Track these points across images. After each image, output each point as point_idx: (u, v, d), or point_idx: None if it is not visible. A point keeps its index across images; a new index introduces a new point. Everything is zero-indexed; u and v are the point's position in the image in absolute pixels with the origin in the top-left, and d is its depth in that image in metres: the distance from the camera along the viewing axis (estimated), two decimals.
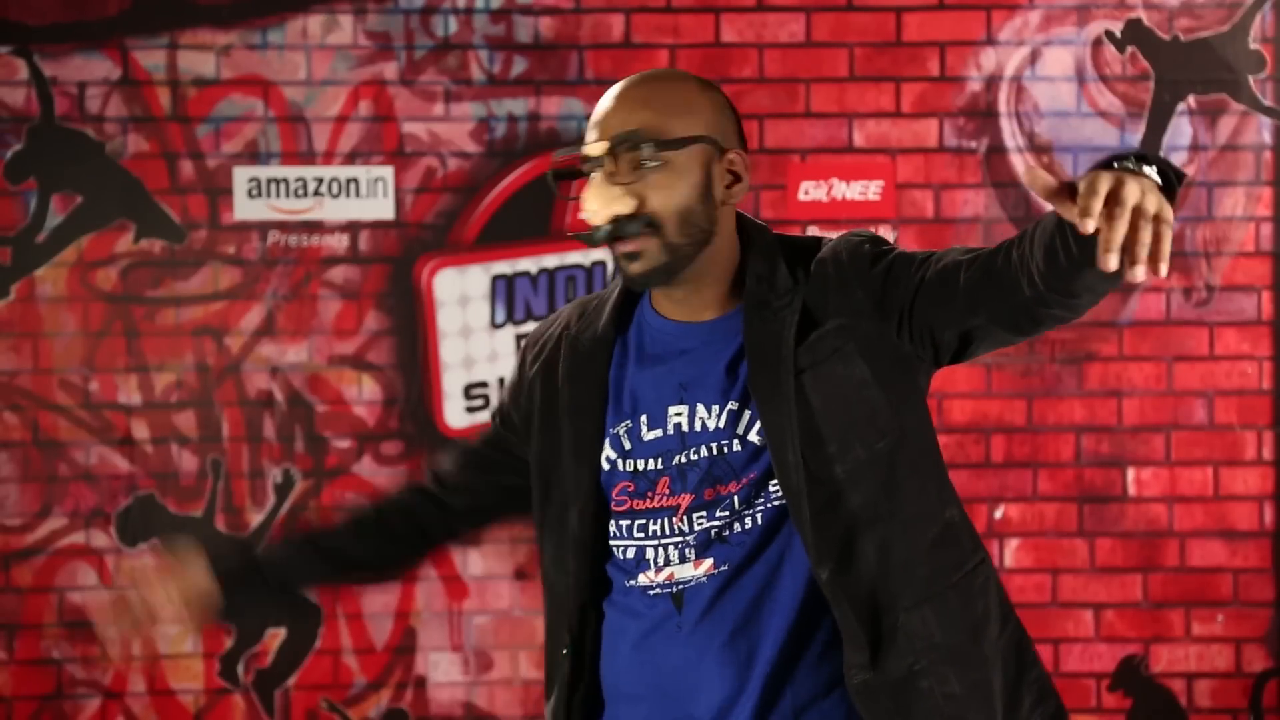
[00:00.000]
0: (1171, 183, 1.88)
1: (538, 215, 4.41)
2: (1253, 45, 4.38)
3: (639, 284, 2.35)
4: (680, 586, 2.36)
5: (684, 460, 2.37)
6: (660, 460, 2.38)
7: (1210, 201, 4.43)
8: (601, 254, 4.47)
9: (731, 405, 2.35)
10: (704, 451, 2.36)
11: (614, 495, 2.43)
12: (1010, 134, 4.43)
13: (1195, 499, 4.44)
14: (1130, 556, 4.47)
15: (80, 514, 4.35)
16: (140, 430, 4.37)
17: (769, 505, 2.29)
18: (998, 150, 4.41)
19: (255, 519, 4.39)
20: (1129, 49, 4.40)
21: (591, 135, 2.29)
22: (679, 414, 2.37)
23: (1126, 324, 4.44)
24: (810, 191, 4.40)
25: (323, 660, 4.40)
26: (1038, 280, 2.04)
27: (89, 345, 4.36)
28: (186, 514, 4.36)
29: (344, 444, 4.41)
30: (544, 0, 4.39)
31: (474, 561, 4.42)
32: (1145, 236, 1.72)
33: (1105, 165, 1.86)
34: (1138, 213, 1.72)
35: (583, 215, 2.25)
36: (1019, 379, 4.45)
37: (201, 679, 4.36)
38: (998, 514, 4.44)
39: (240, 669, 4.38)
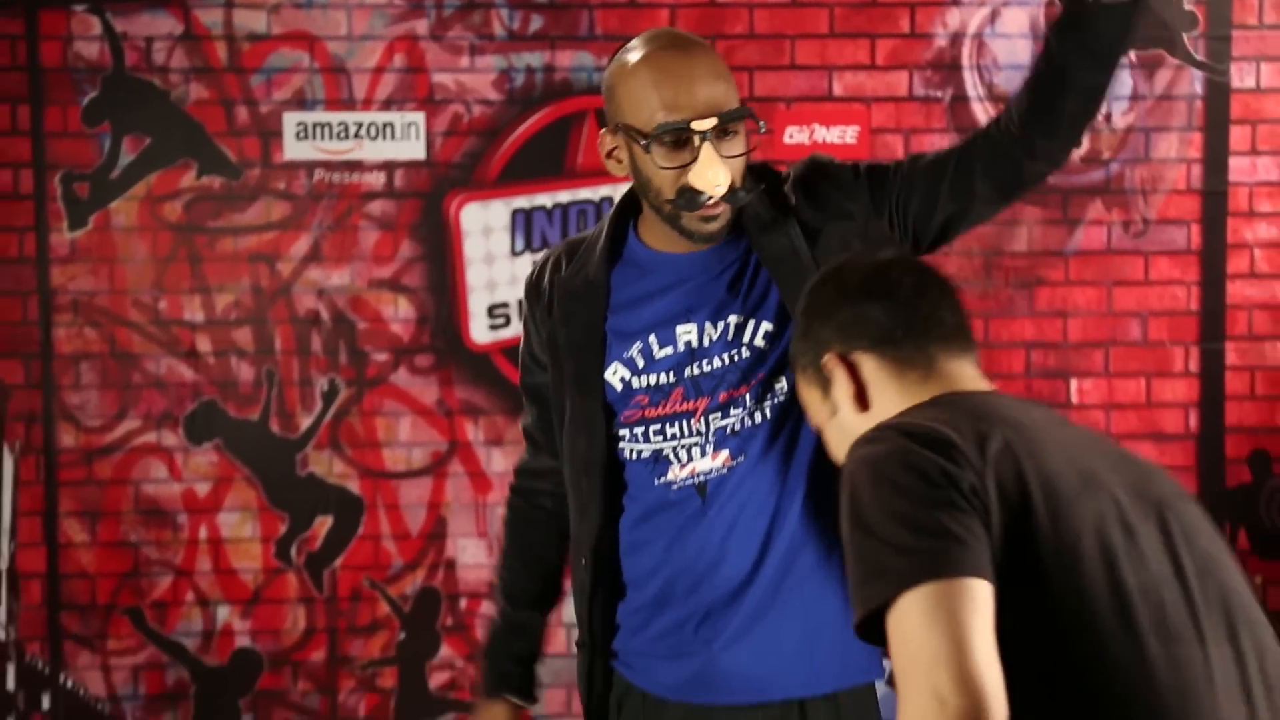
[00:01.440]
0: None
1: (552, 156, 4.52)
2: (1187, 6, 4.50)
3: (714, 239, 2.47)
4: (703, 478, 2.52)
5: (696, 372, 2.52)
6: (672, 374, 2.52)
7: (1148, 145, 4.57)
8: (609, 189, 4.54)
9: (735, 318, 2.50)
10: (716, 363, 2.51)
11: (627, 410, 2.58)
12: (972, 85, 4.55)
13: (1130, 406, 4.60)
14: None
15: (152, 417, 4.50)
16: (203, 344, 4.51)
17: (775, 401, 2.47)
18: (961, 99, 4.55)
19: (304, 422, 4.54)
20: None
21: (685, 109, 2.34)
22: (688, 332, 2.51)
23: (1072, 253, 4.58)
24: (794, 135, 4.52)
25: (365, 544, 4.55)
26: (1021, 121, 2.35)
27: (158, 269, 4.50)
28: (244, 418, 4.53)
29: (382, 357, 4.55)
30: None
31: (496, 459, 4.55)
32: None
33: None
34: None
35: (702, 183, 2.35)
36: (977, 301, 4.50)
37: (260, 560, 4.54)
38: None
39: (293, 551, 4.55)
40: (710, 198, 2.38)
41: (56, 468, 4.53)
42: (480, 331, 4.58)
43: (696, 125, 2.34)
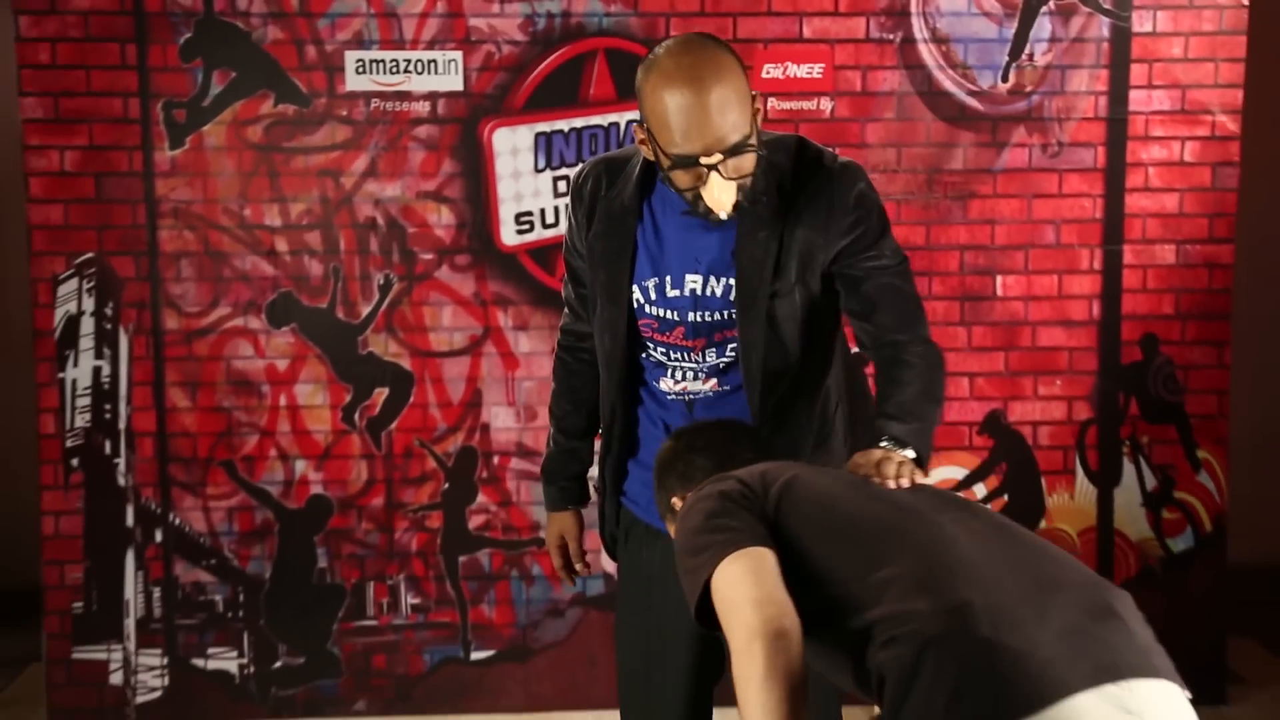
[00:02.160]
0: (921, 459, 2.51)
1: (569, 88, 4.71)
2: None
3: (719, 223, 2.65)
4: (692, 397, 2.83)
5: (697, 319, 2.77)
6: (677, 313, 2.77)
7: (1063, 80, 4.76)
8: (616, 116, 4.73)
9: (731, 280, 2.74)
10: (715, 316, 2.76)
11: (641, 321, 2.83)
12: (918, 29, 4.74)
13: (1044, 298, 4.83)
14: (996, 339, 4.84)
15: (239, 305, 4.75)
16: (281, 244, 4.75)
17: None
18: (909, 41, 4.74)
19: (364, 310, 4.76)
20: None
21: (695, 143, 2.48)
22: (694, 281, 2.75)
23: (999, 171, 4.78)
24: (770, 71, 4.70)
25: (415, 411, 4.81)
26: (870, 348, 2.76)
27: (242, 182, 4.71)
28: (315, 306, 4.76)
29: (428, 256, 4.78)
30: None
31: (523, 341, 4.79)
32: (890, 478, 2.37)
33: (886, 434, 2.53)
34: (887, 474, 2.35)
35: (712, 203, 2.54)
36: (920, 211, 4.78)
37: (329, 423, 4.80)
38: None
39: (356, 416, 4.80)
40: (708, 206, 2.58)
41: (163, 346, 4.74)
42: (509, 235, 4.79)
43: (705, 161, 2.50)
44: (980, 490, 4.94)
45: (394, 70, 4.76)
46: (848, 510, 2.28)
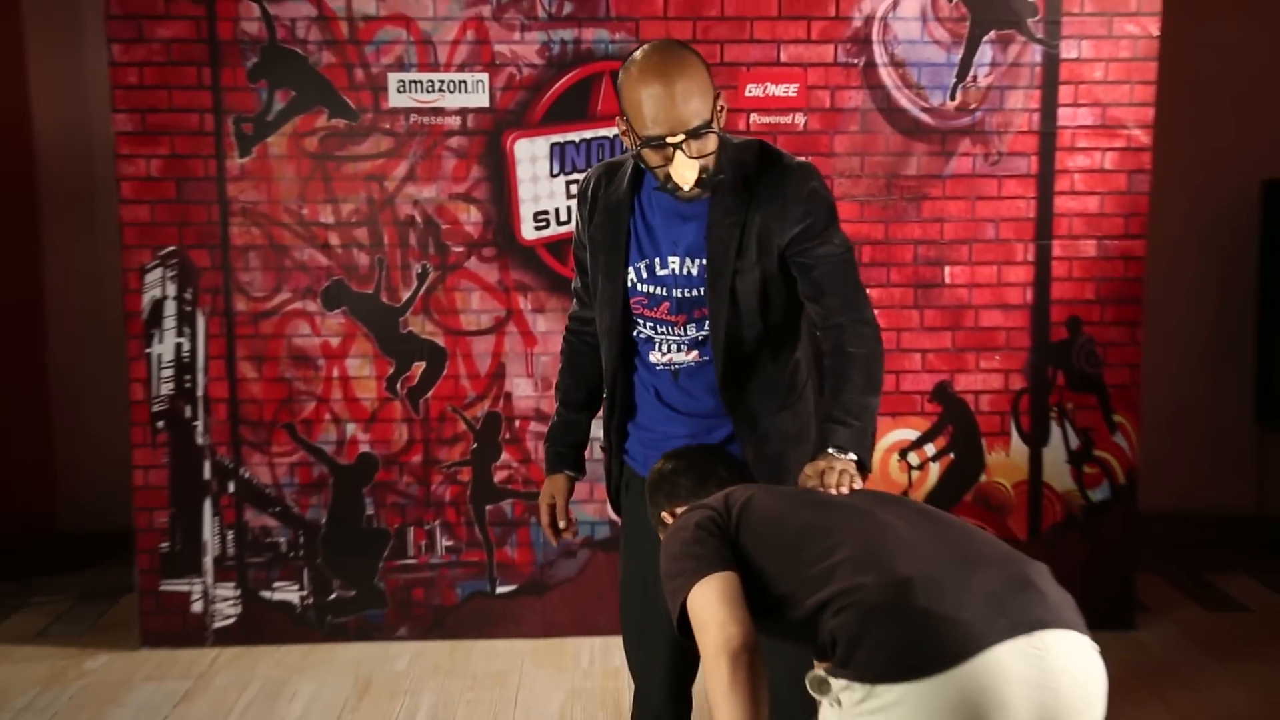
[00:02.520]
0: (863, 462, 2.55)
1: (580, 105, 4.71)
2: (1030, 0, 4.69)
3: (692, 202, 2.70)
4: (676, 367, 2.84)
5: (680, 295, 2.78)
6: (664, 290, 2.79)
7: (1002, 99, 4.75)
8: (614, 129, 4.77)
9: (704, 260, 2.75)
10: (693, 291, 2.77)
11: (634, 301, 2.83)
12: (879, 54, 4.74)
13: (985, 285, 4.83)
14: (944, 320, 4.84)
15: (298, 290, 4.77)
16: (333, 239, 4.75)
17: None
18: (871, 65, 4.74)
19: (404, 295, 4.76)
20: (955, 0, 4.69)
21: (663, 126, 2.55)
22: (674, 262, 2.78)
23: (947, 176, 4.78)
24: (752, 90, 4.72)
25: (448, 381, 4.82)
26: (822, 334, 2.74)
27: (301, 185, 4.72)
28: (363, 291, 4.76)
29: (459, 249, 4.78)
30: None
31: (540, 322, 4.80)
32: (832, 486, 2.41)
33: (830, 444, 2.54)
34: (830, 483, 2.40)
35: (677, 178, 2.58)
36: (879, 210, 4.77)
37: (374, 391, 4.81)
38: (868, 293, 4.35)
39: (398, 386, 4.81)
40: (676, 184, 2.62)
41: (234, 325, 4.77)
42: (528, 231, 4.78)
43: (670, 140, 2.56)
44: (930, 449, 4.95)
45: (430, 89, 4.75)
46: (796, 517, 2.34)
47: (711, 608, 2.19)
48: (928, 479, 4.97)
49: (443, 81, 4.75)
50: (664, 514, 2.63)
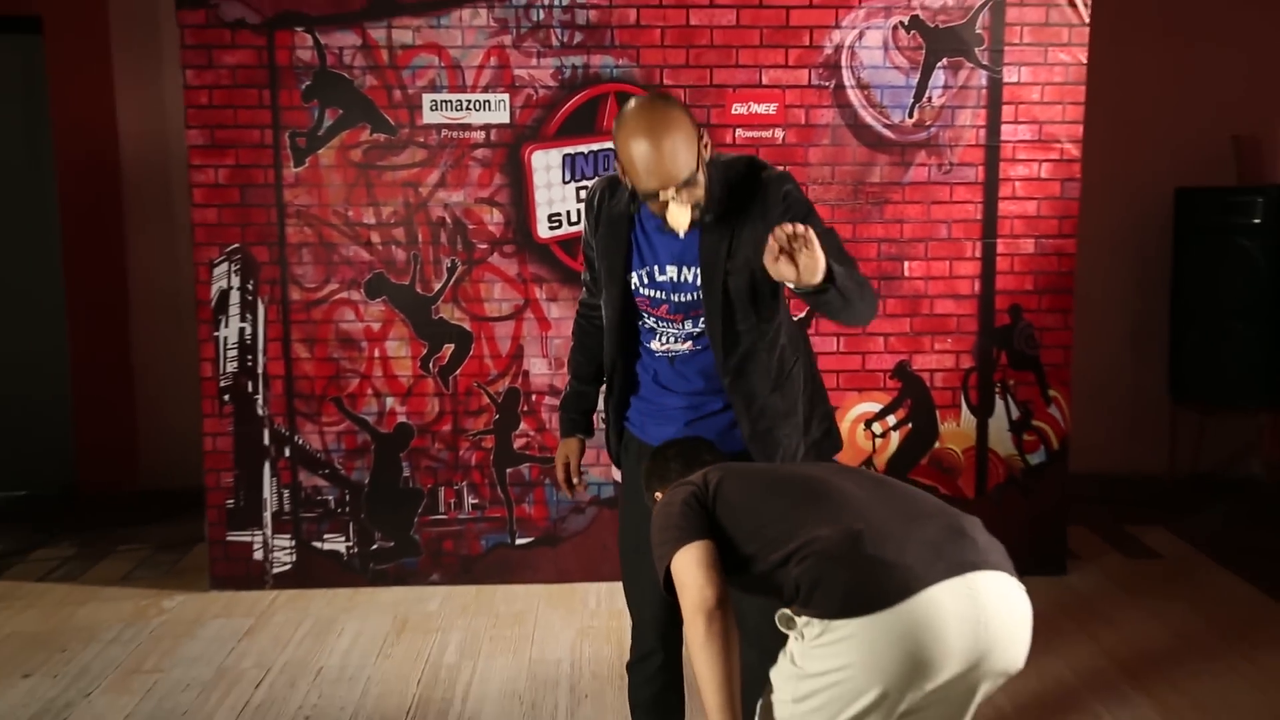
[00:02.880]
0: (836, 281, 2.41)
1: (588, 121, 4.67)
2: (978, 31, 4.68)
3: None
4: (673, 354, 2.83)
5: (678, 299, 2.76)
6: (664, 293, 2.77)
7: (953, 117, 4.73)
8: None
9: (696, 269, 2.72)
10: (688, 296, 2.75)
11: (638, 300, 2.82)
12: (847, 78, 4.71)
13: (939, 278, 4.81)
14: (904, 308, 4.82)
15: (344, 281, 4.74)
16: (375, 237, 4.72)
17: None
18: (840, 87, 4.71)
19: (436, 286, 4.73)
20: (912, 31, 4.68)
21: (655, 181, 2.50)
22: (673, 270, 2.75)
23: (906, 184, 4.75)
24: (737, 108, 4.69)
25: (474, 361, 4.79)
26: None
27: (347, 190, 4.69)
28: (400, 283, 4.73)
29: (484, 245, 4.75)
30: (591, 0, 4.60)
31: (553, 309, 4.76)
32: (799, 256, 2.31)
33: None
34: (796, 246, 2.30)
35: (673, 223, 2.56)
36: (848, 213, 4.74)
37: (410, 369, 4.78)
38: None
39: (431, 364, 4.79)
40: (671, 223, 2.59)
41: (289, 311, 4.75)
42: (543, 230, 4.75)
43: (663, 195, 2.53)
44: (891, 420, 4.93)
45: (458, 108, 4.73)
46: (762, 489, 2.37)
47: (690, 571, 2.22)
48: (889, 445, 4.95)
49: (469, 101, 4.72)
50: (656, 494, 2.64)
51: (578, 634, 4.42)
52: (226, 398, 4.82)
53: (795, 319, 3.00)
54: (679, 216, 2.56)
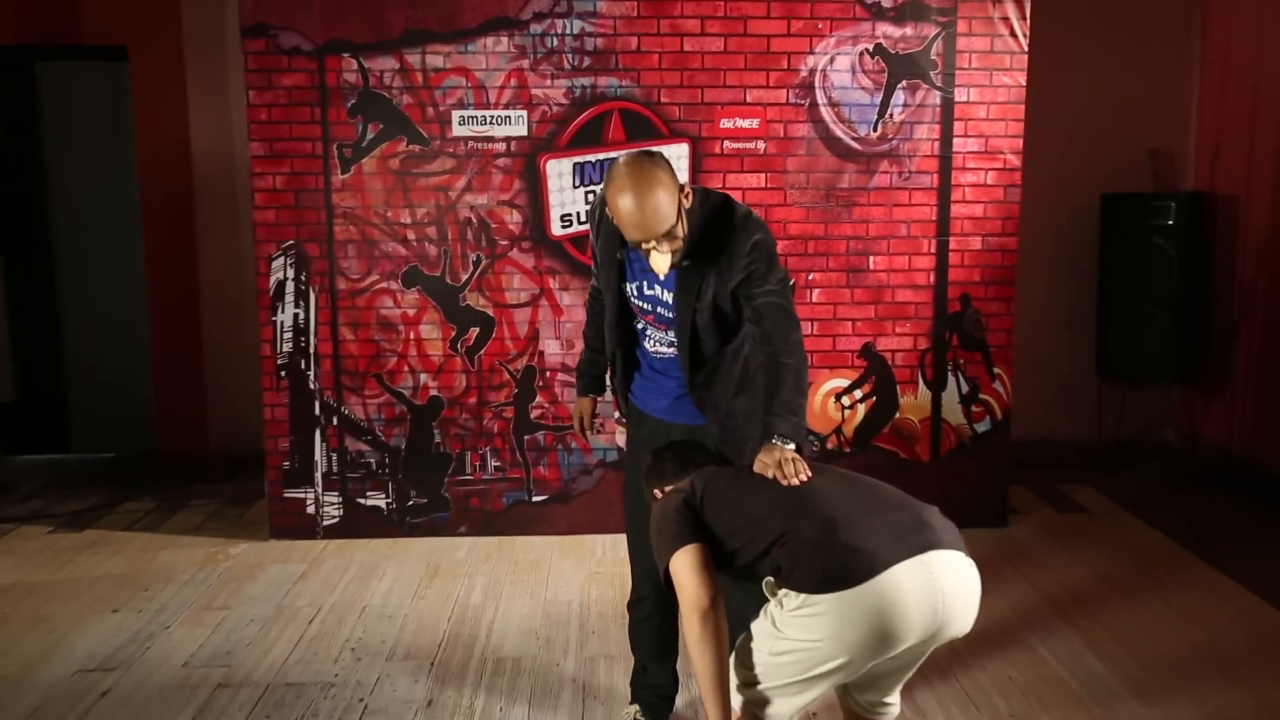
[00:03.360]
0: (801, 446, 2.48)
1: (595, 134, 4.60)
2: (932, 57, 4.62)
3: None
4: (662, 356, 2.84)
5: (661, 313, 2.76)
6: (650, 305, 2.78)
7: (911, 131, 4.65)
8: (624, 151, 4.60)
9: (674, 293, 2.71)
10: (669, 313, 2.74)
11: (631, 304, 2.82)
12: (820, 97, 4.64)
13: (900, 270, 4.74)
14: (869, 296, 4.75)
15: (383, 272, 4.68)
16: (410, 235, 4.65)
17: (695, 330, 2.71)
18: (814, 105, 4.64)
19: (463, 276, 4.66)
20: (876, 57, 4.62)
21: (638, 234, 2.48)
22: (656, 289, 2.74)
23: (871, 189, 4.68)
24: (725, 123, 4.61)
25: (495, 342, 4.72)
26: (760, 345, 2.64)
27: (386, 194, 4.63)
28: (432, 274, 4.66)
29: (504, 242, 4.68)
30: (599, 28, 4.52)
31: (565, 297, 4.69)
32: (789, 477, 2.33)
33: (769, 432, 2.47)
34: (788, 474, 2.33)
35: (655, 268, 2.59)
36: (821, 214, 4.68)
37: (441, 349, 4.72)
38: (810, 277, 4.67)
39: (459, 345, 4.72)
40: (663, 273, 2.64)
41: (337, 299, 4.68)
42: (556, 229, 4.69)
43: (645, 247, 2.53)
44: (858, 394, 4.86)
45: (483, 122, 4.66)
46: (743, 493, 2.37)
47: (686, 573, 2.23)
48: (856, 416, 4.89)
49: (492, 116, 4.66)
50: (656, 491, 2.61)
51: (586, 579, 4.38)
52: (283, 374, 4.76)
53: None
54: (659, 263, 2.55)
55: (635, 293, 2.78)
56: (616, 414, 3.13)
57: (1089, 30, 5.86)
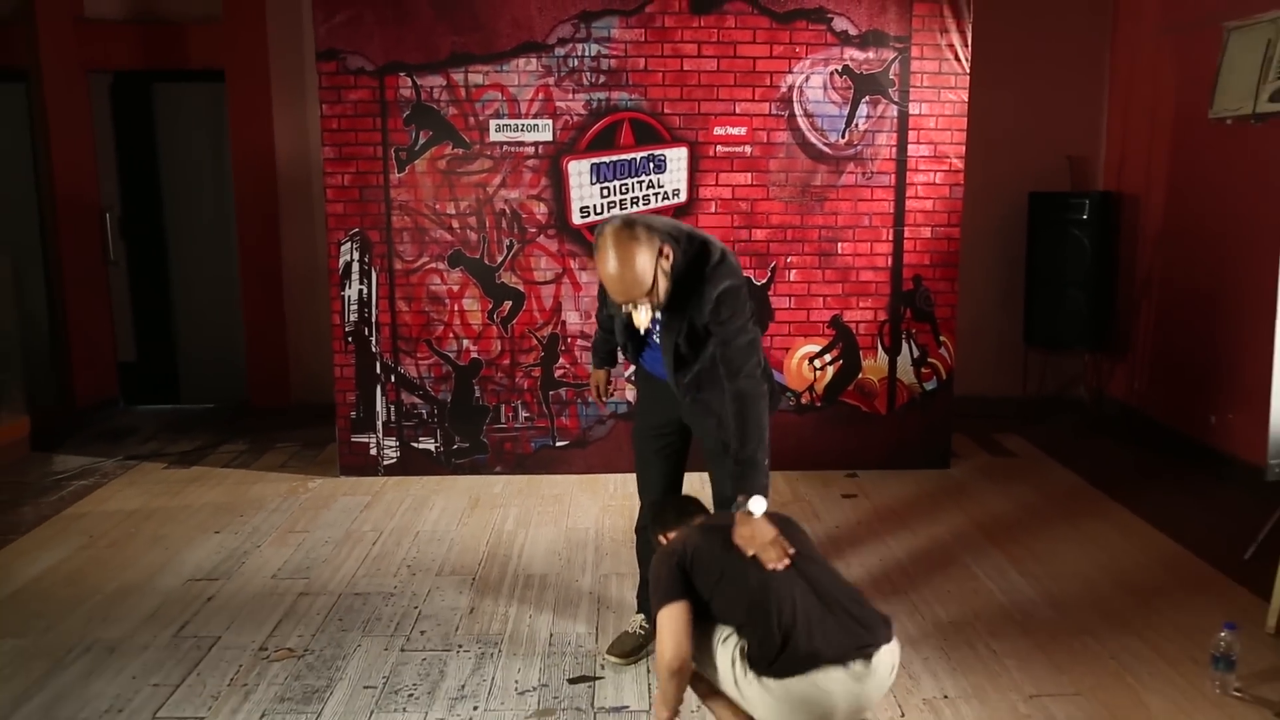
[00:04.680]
0: (766, 499, 2.25)
1: (609, 139, 4.47)
2: (891, 76, 4.49)
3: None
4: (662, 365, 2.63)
5: (654, 339, 2.64)
6: (646, 335, 2.66)
7: (873, 138, 4.53)
8: (633, 154, 4.46)
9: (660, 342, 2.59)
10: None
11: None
12: (797, 109, 4.52)
13: (865, 255, 4.61)
14: (837, 277, 4.63)
15: (431, 255, 4.57)
16: (455, 224, 4.55)
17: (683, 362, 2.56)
18: (792, 116, 4.51)
19: (499, 258, 4.55)
20: (844, 76, 4.49)
21: (620, 298, 2.34)
22: (645, 325, 2.47)
23: (840, 186, 4.56)
24: (717, 130, 4.48)
25: (526, 313, 4.62)
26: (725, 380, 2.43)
27: (435, 189, 4.52)
28: (473, 256, 4.55)
29: (533, 229, 4.56)
30: (612, 51, 4.41)
31: (583, 276, 4.56)
32: (768, 561, 2.14)
33: (738, 492, 2.28)
34: (769, 559, 2.14)
35: (636, 323, 2.40)
36: (796, 207, 4.55)
37: (480, 319, 4.61)
38: (789, 260, 4.55)
39: (494, 315, 4.60)
40: (645, 330, 2.53)
41: (394, 278, 4.58)
42: (576, 218, 4.56)
43: (626, 308, 2.39)
44: (828, 358, 4.75)
45: (515, 130, 4.55)
46: (720, 563, 2.22)
47: (667, 631, 2.15)
48: (826, 376, 4.77)
49: (523, 124, 4.55)
50: (660, 538, 2.46)
51: (601, 510, 4.32)
52: (349, 339, 4.67)
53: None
54: (641, 317, 2.38)
55: (635, 321, 2.62)
56: (628, 373, 3.00)
57: (1019, 56, 5.74)
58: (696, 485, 2.90)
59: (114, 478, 4.74)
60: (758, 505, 2.25)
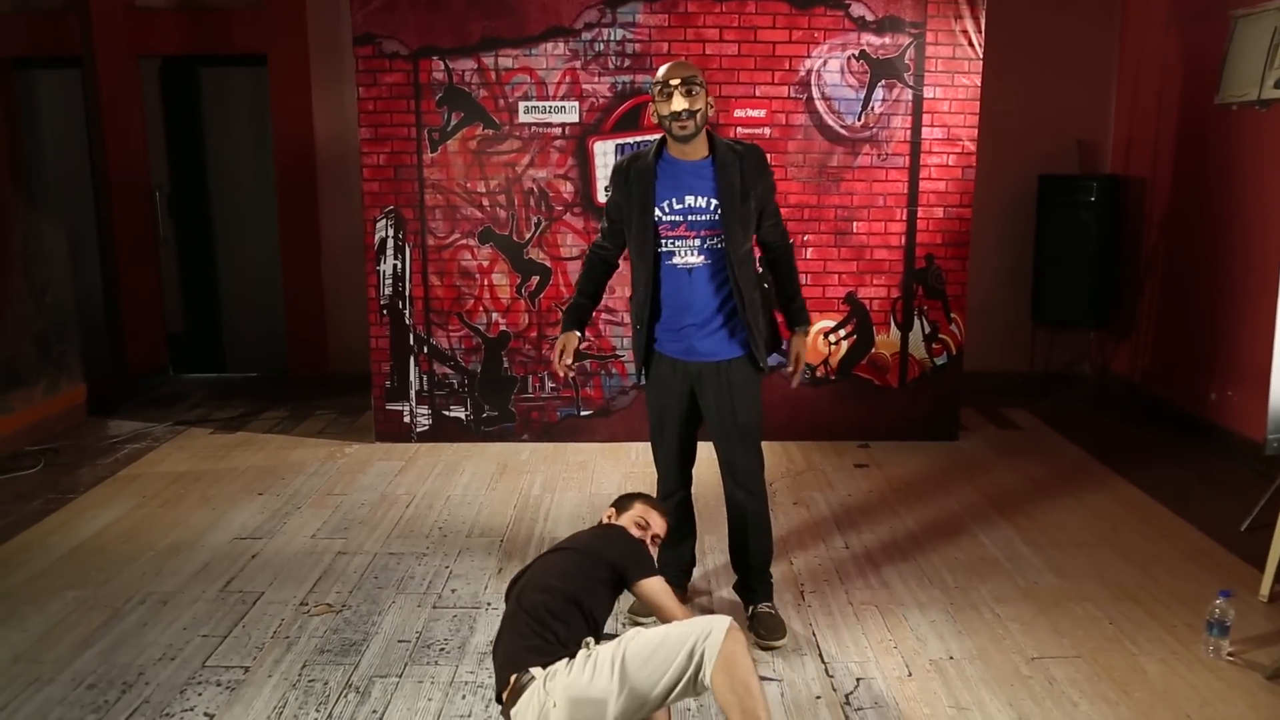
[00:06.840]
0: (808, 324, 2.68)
1: (633, 120, 4.43)
2: (906, 61, 4.43)
3: (682, 139, 2.54)
4: (690, 267, 2.62)
5: (693, 219, 2.60)
6: (682, 216, 2.61)
7: (889, 121, 4.46)
8: (656, 135, 4.64)
9: (706, 198, 2.59)
10: (702, 217, 2.60)
11: (660, 228, 2.62)
12: (815, 92, 4.45)
13: (879, 234, 4.55)
14: (853, 254, 4.57)
15: (462, 232, 4.54)
16: (485, 202, 4.51)
17: (719, 239, 2.57)
18: (810, 99, 4.45)
19: (527, 234, 4.51)
20: (860, 60, 4.43)
21: (681, 71, 2.48)
22: (690, 199, 2.61)
23: (856, 167, 4.50)
24: (738, 113, 4.44)
25: (552, 288, 4.57)
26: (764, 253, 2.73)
27: (467, 169, 4.48)
28: (502, 233, 4.51)
29: (560, 207, 4.51)
30: (637, 36, 4.36)
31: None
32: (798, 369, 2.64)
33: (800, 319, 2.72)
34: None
35: (670, 111, 2.47)
36: (815, 187, 4.50)
37: (509, 293, 4.57)
38: (806, 238, 4.49)
39: (523, 290, 4.57)
40: (675, 114, 2.49)
41: (427, 253, 4.56)
42: (601, 197, 4.48)
43: (670, 84, 2.48)
44: (842, 333, 4.70)
45: (543, 111, 4.51)
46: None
47: (669, 598, 2.26)
48: (841, 350, 4.73)
49: (551, 106, 4.50)
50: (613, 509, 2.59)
51: (623, 477, 4.31)
52: (384, 312, 4.65)
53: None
54: (677, 104, 2.47)
55: (668, 210, 2.61)
56: (640, 375, 2.90)
57: (1031, 42, 5.63)
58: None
59: (164, 441, 4.78)
60: (810, 330, 2.61)
